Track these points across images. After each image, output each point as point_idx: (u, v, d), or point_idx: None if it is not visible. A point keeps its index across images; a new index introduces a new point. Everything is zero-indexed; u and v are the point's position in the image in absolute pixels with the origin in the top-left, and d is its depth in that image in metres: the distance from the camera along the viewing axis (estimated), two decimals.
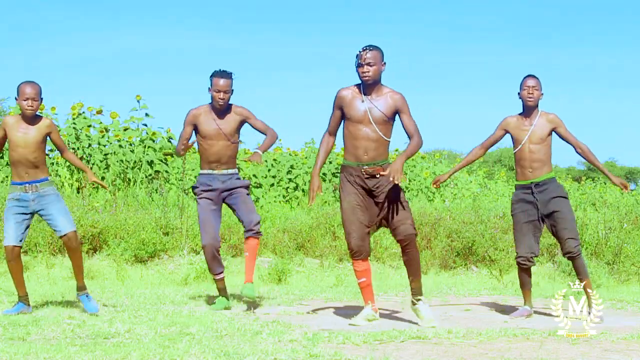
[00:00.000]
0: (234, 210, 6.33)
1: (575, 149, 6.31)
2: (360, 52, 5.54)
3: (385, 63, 5.58)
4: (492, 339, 4.96)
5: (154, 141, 12.34)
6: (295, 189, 13.47)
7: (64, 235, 5.83)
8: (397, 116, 5.63)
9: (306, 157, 14.25)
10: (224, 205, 6.44)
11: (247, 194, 6.32)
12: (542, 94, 6.22)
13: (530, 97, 6.18)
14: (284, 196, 13.16)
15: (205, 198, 6.26)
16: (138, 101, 12.38)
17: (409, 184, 14.67)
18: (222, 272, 6.36)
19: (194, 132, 6.33)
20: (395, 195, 5.59)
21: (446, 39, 43.45)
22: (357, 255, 5.63)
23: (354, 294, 7.48)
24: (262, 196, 12.48)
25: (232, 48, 39.67)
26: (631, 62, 41.26)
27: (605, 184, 20.22)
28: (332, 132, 5.76)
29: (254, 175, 12.91)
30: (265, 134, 6.37)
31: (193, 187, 6.36)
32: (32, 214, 5.85)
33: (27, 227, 5.87)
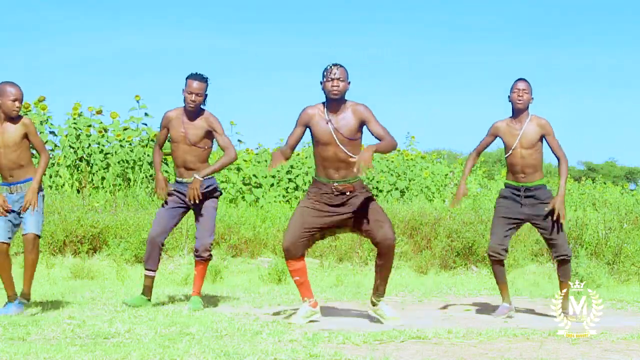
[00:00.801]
0: (195, 220, 6.32)
1: (557, 158, 6.26)
2: (329, 67, 5.54)
3: (349, 82, 5.59)
4: (492, 339, 4.96)
5: (154, 142, 12.34)
6: (296, 189, 13.47)
7: (25, 234, 5.71)
8: (365, 128, 5.59)
9: (306, 157, 14.25)
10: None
11: (214, 207, 6.24)
12: (532, 98, 6.19)
13: (519, 100, 6.15)
14: (283, 196, 13.16)
15: (173, 199, 6.23)
16: (137, 101, 12.39)
17: (409, 183, 14.68)
18: (154, 271, 6.33)
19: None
20: (367, 203, 5.60)
21: (446, 39, 43.47)
22: (287, 255, 5.66)
23: (354, 294, 7.49)
24: (262, 196, 12.48)
25: (232, 48, 39.71)
26: (631, 62, 41.28)
27: (604, 183, 20.21)
28: (291, 147, 5.69)
29: (254, 175, 12.91)
30: (224, 151, 6.24)
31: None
32: (19, 213, 5.79)
33: (17, 226, 5.79)
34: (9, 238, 5.76)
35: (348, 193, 5.59)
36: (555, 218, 6.08)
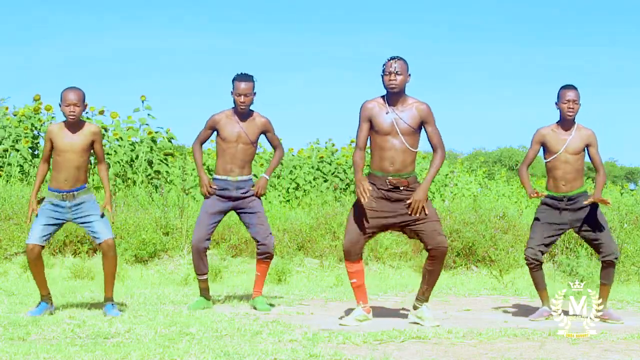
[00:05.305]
0: (247, 226, 6.39)
1: (596, 170, 6.27)
2: (387, 61, 5.59)
3: (410, 75, 5.63)
4: (492, 339, 4.96)
5: (155, 142, 12.34)
6: (296, 189, 13.46)
7: (102, 242, 5.76)
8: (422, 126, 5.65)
9: (307, 157, 14.26)
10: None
11: (262, 209, 6.37)
12: (580, 105, 6.16)
13: (570, 111, 6.09)
14: (284, 196, 13.16)
15: (215, 199, 6.30)
16: (142, 101, 12.39)
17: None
18: (206, 274, 6.37)
19: (216, 135, 6.38)
20: (425, 208, 5.63)
21: (446, 39, 43.45)
22: (347, 256, 5.69)
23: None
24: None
25: (232, 48, 39.71)
26: (631, 62, 41.28)
27: (605, 185, 20.21)
28: (363, 147, 5.70)
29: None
30: (275, 149, 6.55)
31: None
32: (65, 222, 5.79)
33: (55, 231, 5.81)
34: (45, 241, 5.75)
35: (402, 188, 5.60)
36: (598, 219, 6.10)
